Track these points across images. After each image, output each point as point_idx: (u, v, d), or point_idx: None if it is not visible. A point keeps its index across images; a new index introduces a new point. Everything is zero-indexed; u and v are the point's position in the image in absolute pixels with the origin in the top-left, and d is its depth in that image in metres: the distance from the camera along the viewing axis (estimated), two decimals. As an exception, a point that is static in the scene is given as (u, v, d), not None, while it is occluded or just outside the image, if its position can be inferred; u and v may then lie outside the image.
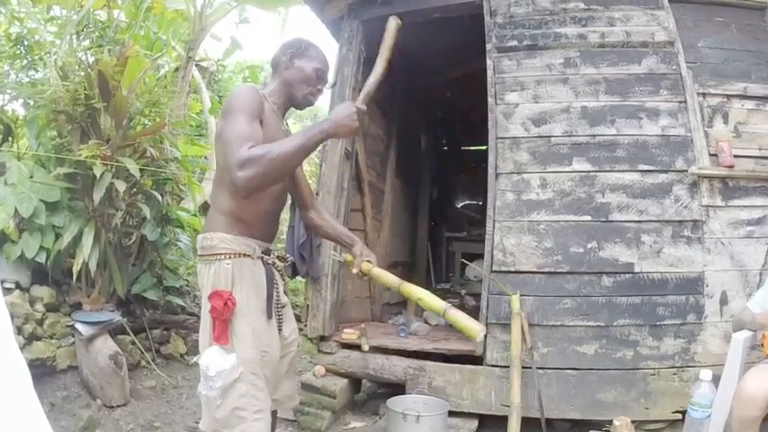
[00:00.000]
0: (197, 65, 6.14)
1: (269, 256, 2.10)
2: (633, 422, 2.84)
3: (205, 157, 5.64)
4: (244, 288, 1.97)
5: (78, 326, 3.52)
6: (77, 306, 3.72)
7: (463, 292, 5.63)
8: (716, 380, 2.57)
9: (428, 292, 2.12)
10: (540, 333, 3.35)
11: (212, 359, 1.92)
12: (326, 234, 2.48)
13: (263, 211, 2.08)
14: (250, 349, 1.96)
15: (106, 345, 3.56)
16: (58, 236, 3.60)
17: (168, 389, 3.94)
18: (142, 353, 4.05)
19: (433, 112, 7.25)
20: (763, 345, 2.43)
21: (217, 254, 1.97)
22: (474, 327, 1.97)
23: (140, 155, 3.93)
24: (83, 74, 3.76)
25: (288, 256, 2.31)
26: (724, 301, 3.30)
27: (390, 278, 2.24)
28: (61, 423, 3.19)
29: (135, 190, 3.91)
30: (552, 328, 3.36)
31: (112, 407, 3.48)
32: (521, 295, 3.32)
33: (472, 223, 7.11)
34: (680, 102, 3.53)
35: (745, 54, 3.68)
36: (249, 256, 2.01)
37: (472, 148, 8.05)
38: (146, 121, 4.14)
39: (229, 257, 1.96)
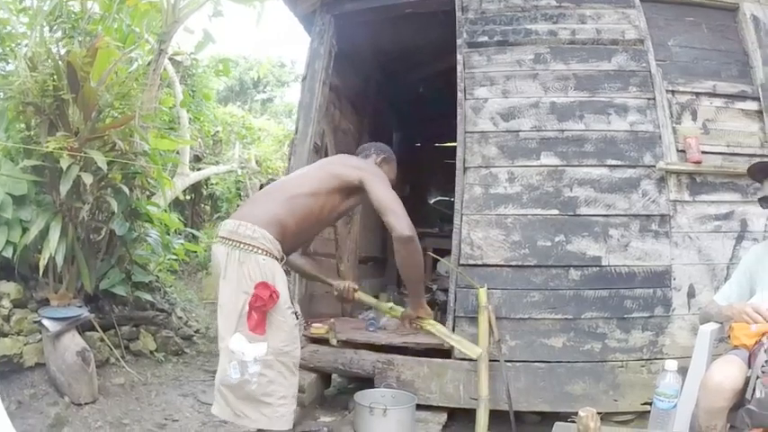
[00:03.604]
0: (171, 59, 6.09)
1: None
2: (602, 413, 2.84)
3: (177, 152, 5.58)
4: (280, 285, 2.22)
5: (45, 322, 3.44)
6: (45, 302, 3.66)
7: (435, 287, 5.61)
8: (684, 372, 2.59)
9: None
10: (508, 326, 3.36)
11: (244, 345, 2.14)
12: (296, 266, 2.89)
13: (300, 240, 2.54)
14: (281, 342, 2.21)
15: (74, 341, 3.49)
16: (25, 230, 3.53)
17: (137, 386, 3.89)
18: (111, 349, 3.98)
19: (406, 108, 7.23)
20: (729, 336, 2.44)
21: (254, 246, 2.21)
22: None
23: (110, 148, 3.87)
24: (52, 65, 3.71)
25: None
26: (691, 294, 3.35)
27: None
28: (29, 421, 3.11)
29: (103, 183, 3.85)
30: (520, 321, 3.37)
31: (81, 404, 3.40)
32: (488, 288, 3.33)
33: (444, 219, 7.05)
34: (648, 98, 3.59)
35: (714, 53, 3.76)
36: (277, 258, 2.26)
37: (446, 144, 8.03)
38: (116, 114, 4.07)
39: (265, 254, 2.21)
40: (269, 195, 2.52)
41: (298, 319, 2.32)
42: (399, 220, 2.41)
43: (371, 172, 2.57)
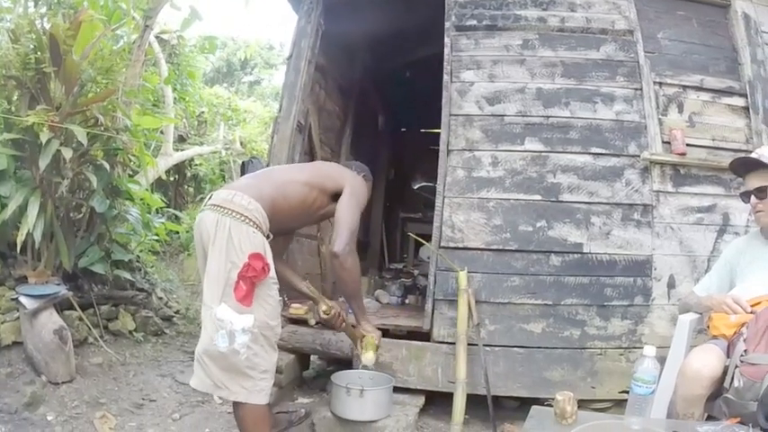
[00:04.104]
0: (157, 37, 6.01)
1: None
2: (580, 400, 2.85)
3: (161, 132, 5.51)
4: (270, 260, 2.28)
5: (23, 299, 3.38)
6: (23, 279, 3.60)
7: (416, 272, 5.61)
8: (662, 362, 2.59)
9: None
10: (488, 310, 3.37)
11: (231, 315, 2.17)
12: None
13: (283, 226, 2.57)
14: (266, 316, 2.27)
15: (51, 319, 3.44)
16: (3, 206, 3.47)
17: (115, 365, 3.84)
18: (89, 329, 3.92)
19: (393, 92, 7.18)
20: (708, 327, 2.45)
21: (246, 217, 2.25)
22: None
23: (91, 123, 3.81)
24: (34, 37, 3.64)
25: None
26: (671, 284, 3.37)
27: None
28: (5, 400, 3.07)
29: (84, 159, 3.79)
30: (499, 305, 3.37)
31: (57, 383, 3.35)
32: (468, 272, 3.32)
33: (428, 205, 7.02)
34: (635, 89, 3.61)
35: (703, 48, 3.78)
36: (265, 235, 2.31)
37: (433, 130, 8.02)
38: (98, 90, 4.01)
39: (255, 228, 2.26)
40: (263, 176, 2.62)
41: (281, 296, 2.35)
42: (339, 239, 2.53)
43: (354, 188, 2.71)
